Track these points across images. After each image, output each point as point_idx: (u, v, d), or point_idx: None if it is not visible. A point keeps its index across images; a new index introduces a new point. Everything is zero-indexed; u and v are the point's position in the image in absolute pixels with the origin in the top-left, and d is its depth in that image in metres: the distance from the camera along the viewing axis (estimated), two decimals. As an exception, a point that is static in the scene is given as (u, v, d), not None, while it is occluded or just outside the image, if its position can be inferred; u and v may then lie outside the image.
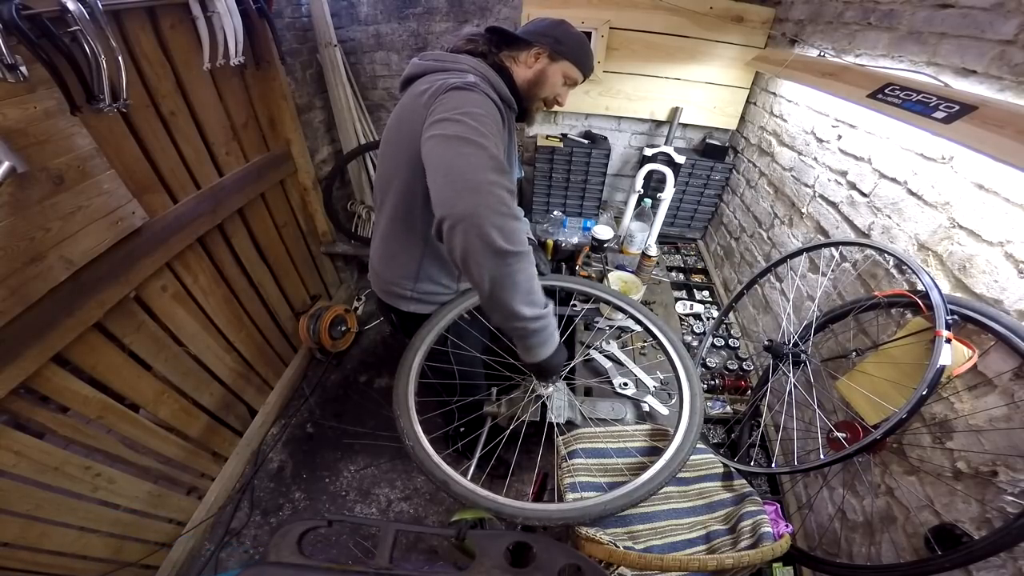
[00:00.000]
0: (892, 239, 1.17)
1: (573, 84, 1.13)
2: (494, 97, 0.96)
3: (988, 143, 0.78)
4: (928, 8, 1.09)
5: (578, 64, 1.09)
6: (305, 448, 2.13)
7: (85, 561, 1.31)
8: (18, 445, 1.09)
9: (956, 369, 0.88)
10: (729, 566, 0.83)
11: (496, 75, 1.03)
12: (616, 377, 1.35)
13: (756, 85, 2.02)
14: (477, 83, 0.92)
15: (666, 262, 2.25)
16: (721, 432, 1.55)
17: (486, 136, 0.81)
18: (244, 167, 1.79)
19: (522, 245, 0.78)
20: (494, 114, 0.90)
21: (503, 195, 0.77)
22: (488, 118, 0.86)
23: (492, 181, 0.77)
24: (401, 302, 1.24)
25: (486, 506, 0.85)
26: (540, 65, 1.08)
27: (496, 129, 0.87)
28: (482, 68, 1.01)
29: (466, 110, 0.84)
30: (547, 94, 1.12)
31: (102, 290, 1.22)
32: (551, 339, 0.91)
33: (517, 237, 0.77)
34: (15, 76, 0.93)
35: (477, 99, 0.89)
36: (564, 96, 1.15)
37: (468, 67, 0.99)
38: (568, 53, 1.07)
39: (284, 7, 2.05)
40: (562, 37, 1.07)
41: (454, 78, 0.92)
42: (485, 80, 0.99)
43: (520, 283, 0.81)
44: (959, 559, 0.79)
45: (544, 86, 1.09)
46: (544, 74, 1.08)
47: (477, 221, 0.75)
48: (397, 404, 1.03)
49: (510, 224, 0.76)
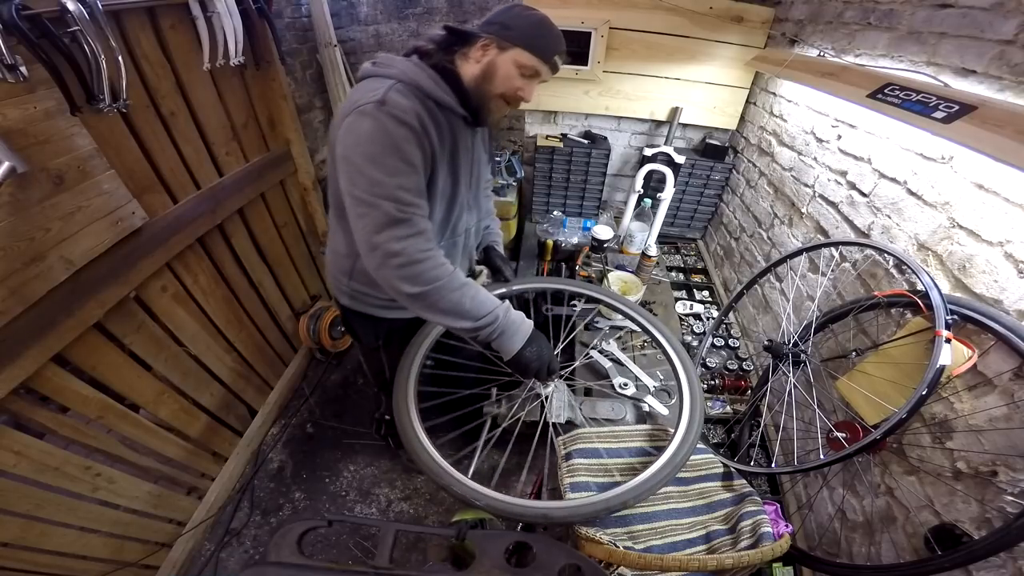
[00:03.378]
0: (892, 239, 1.17)
1: (534, 74, 0.97)
2: (408, 114, 0.88)
3: (988, 143, 0.79)
4: (928, 8, 1.09)
5: (531, 48, 0.93)
6: (305, 448, 2.13)
7: (85, 561, 1.30)
8: (18, 445, 1.09)
9: (956, 369, 0.88)
10: (729, 566, 0.83)
11: (434, 77, 0.95)
12: (616, 377, 1.35)
13: (756, 85, 2.02)
14: (386, 100, 0.87)
15: (666, 262, 2.26)
16: (721, 432, 1.55)
17: (379, 184, 0.87)
18: (244, 167, 1.79)
19: (432, 282, 0.91)
20: (396, 141, 0.87)
21: (396, 248, 0.88)
22: (387, 153, 0.87)
23: (380, 243, 0.88)
24: (341, 296, 1.27)
25: (486, 504, 0.85)
26: (488, 57, 0.95)
27: (399, 159, 0.88)
28: (412, 73, 0.93)
29: (362, 151, 0.87)
30: (501, 89, 0.97)
31: (102, 290, 1.22)
32: (506, 339, 0.98)
33: (424, 277, 0.90)
34: (15, 76, 0.93)
35: (374, 131, 0.87)
36: (527, 90, 0.99)
37: (395, 73, 0.93)
38: (517, 38, 0.92)
39: (284, 7, 2.05)
40: (510, 21, 0.93)
41: (367, 95, 0.88)
42: (411, 87, 0.92)
43: (443, 308, 0.94)
44: (959, 559, 0.79)
45: (494, 80, 0.96)
46: (492, 66, 0.95)
47: (382, 275, 0.92)
48: (398, 406, 1.03)
49: (412, 270, 0.90)
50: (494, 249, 1.43)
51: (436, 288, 0.91)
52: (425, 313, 0.96)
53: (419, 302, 0.93)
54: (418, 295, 0.91)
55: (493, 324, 0.97)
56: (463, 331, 0.97)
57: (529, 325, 1.02)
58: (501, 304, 1.00)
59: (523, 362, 1.00)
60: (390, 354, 1.36)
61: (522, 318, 1.02)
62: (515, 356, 0.99)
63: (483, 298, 0.97)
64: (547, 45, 0.95)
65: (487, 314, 0.96)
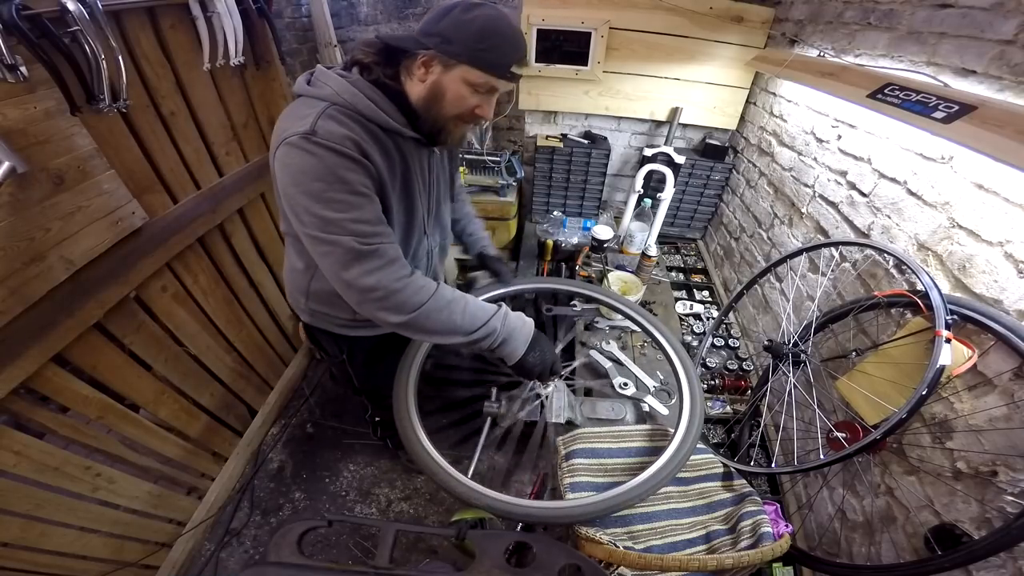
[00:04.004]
0: (892, 239, 1.17)
1: (490, 90, 0.83)
2: (343, 143, 0.78)
3: (987, 143, 0.79)
4: (928, 8, 1.09)
5: (480, 64, 0.78)
6: (305, 448, 2.13)
7: (85, 561, 1.30)
8: (18, 445, 1.09)
9: (956, 369, 0.88)
10: (729, 566, 0.83)
11: (375, 98, 0.83)
12: (616, 377, 1.35)
13: (756, 85, 2.02)
14: (316, 129, 0.77)
15: (666, 262, 2.26)
16: (721, 432, 1.55)
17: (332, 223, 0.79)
18: (244, 167, 1.79)
19: (416, 307, 0.86)
20: (338, 174, 0.78)
21: (370, 283, 0.82)
22: (331, 188, 0.78)
23: (351, 280, 0.83)
24: (301, 313, 1.21)
25: (486, 504, 0.85)
26: (432, 76, 0.81)
27: (346, 192, 0.79)
28: (348, 94, 0.82)
29: (304, 190, 0.78)
30: (453, 111, 0.84)
31: (102, 290, 1.21)
32: (508, 346, 0.95)
33: (408, 305, 0.85)
34: (15, 76, 0.93)
35: (310, 166, 0.77)
36: (485, 107, 0.85)
37: (328, 94, 0.82)
38: (462, 54, 0.77)
39: (284, 7, 2.05)
40: (451, 32, 0.77)
41: (295, 124, 0.79)
42: (347, 111, 0.81)
43: (435, 328, 0.89)
44: (959, 559, 0.79)
45: (444, 102, 0.83)
46: (439, 87, 0.82)
47: (365, 310, 0.87)
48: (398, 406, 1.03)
49: (393, 301, 0.84)
50: (487, 255, 1.38)
51: (422, 312, 0.86)
52: (419, 336, 0.91)
53: (408, 328, 0.89)
54: (405, 323, 0.87)
55: (492, 335, 0.92)
56: (460, 345, 0.92)
57: (530, 327, 0.99)
58: (498, 312, 0.95)
59: (527, 367, 0.97)
60: (355, 366, 1.33)
61: (522, 321, 0.99)
62: (519, 361, 0.96)
63: (475, 310, 0.92)
64: (498, 58, 0.79)
65: (483, 325, 0.92)
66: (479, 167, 2.39)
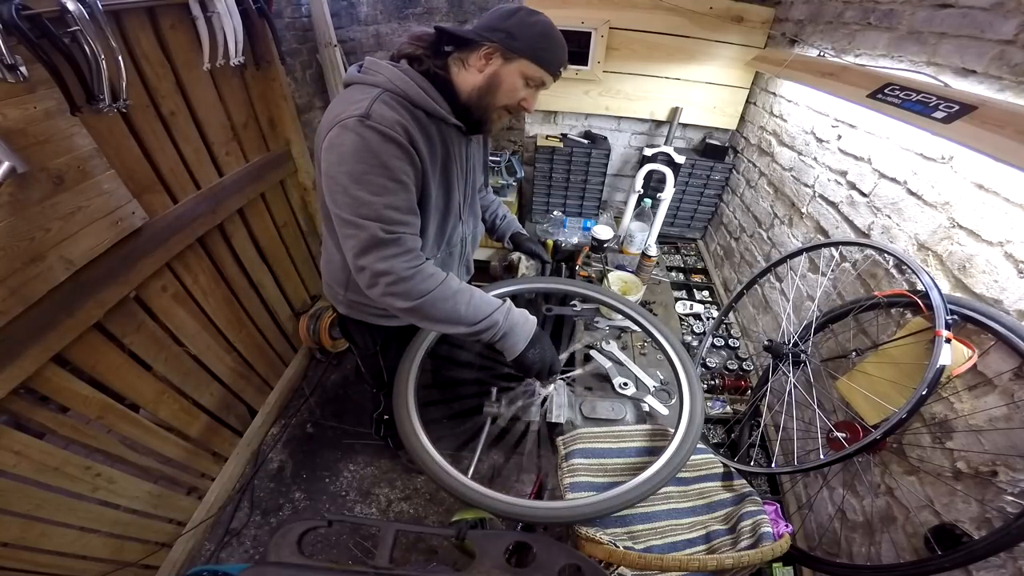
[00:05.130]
0: (892, 239, 1.17)
1: (539, 85, 0.93)
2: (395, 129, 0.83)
3: (988, 143, 0.78)
4: (928, 8, 1.09)
5: (539, 61, 0.88)
6: (305, 448, 2.13)
7: (85, 561, 1.31)
8: (18, 445, 1.09)
9: (956, 369, 0.87)
10: (729, 566, 0.83)
11: (424, 86, 0.89)
12: (616, 377, 1.35)
13: (756, 85, 2.02)
14: (371, 113, 0.82)
15: (666, 262, 2.25)
16: (721, 432, 1.55)
17: (365, 205, 0.83)
18: (244, 167, 1.79)
19: (423, 295, 0.89)
20: (382, 159, 0.83)
21: (383, 268, 0.86)
22: (373, 171, 0.82)
23: (366, 264, 0.87)
24: (338, 305, 1.25)
25: (486, 504, 0.85)
26: (492, 68, 0.89)
27: (386, 178, 0.84)
28: (400, 81, 0.87)
29: (346, 170, 0.82)
30: (505, 101, 0.92)
31: (102, 290, 1.22)
32: (509, 340, 0.97)
33: (415, 292, 0.89)
34: (15, 76, 0.93)
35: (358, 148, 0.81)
36: (531, 101, 0.94)
37: (382, 81, 0.87)
38: (525, 50, 0.87)
39: (284, 7, 2.05)
40: (516, 30, 0.86)
41: (350, 108, 0.83)
42: (399, 97, 0.87)
43: (439, 317, 0.92)
44: (959, 559, 0.79)
45: (499, 92, 0.91)
46: (497, 78, 0.89)
47: (373, 293, 0.90)
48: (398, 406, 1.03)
49: (402, 287, 0.88)
50: (521, 234, 1.42)
51: (428, 300, 0.90)
52: (422, 323, 0.95)
53: (413, 315, 0.93)
54: (411, 309, 0.90)
55: (494, 328, 0.95)
56: (463, 336, 0.96)
57: (532, 325, 1.01)
58: (502, 306, 0.98)
59: (526, 363, 0.99)
60: (387, 358, 1.36)
61: (525, 318, 1.00)
62: (518, 357, 0.98)
63: (480, 302, 0.95)
64: (554, 57, 0.90)
65: (485, 318, 0.94)
66: (479, 167, 2.38)
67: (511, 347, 0.97)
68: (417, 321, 0.95)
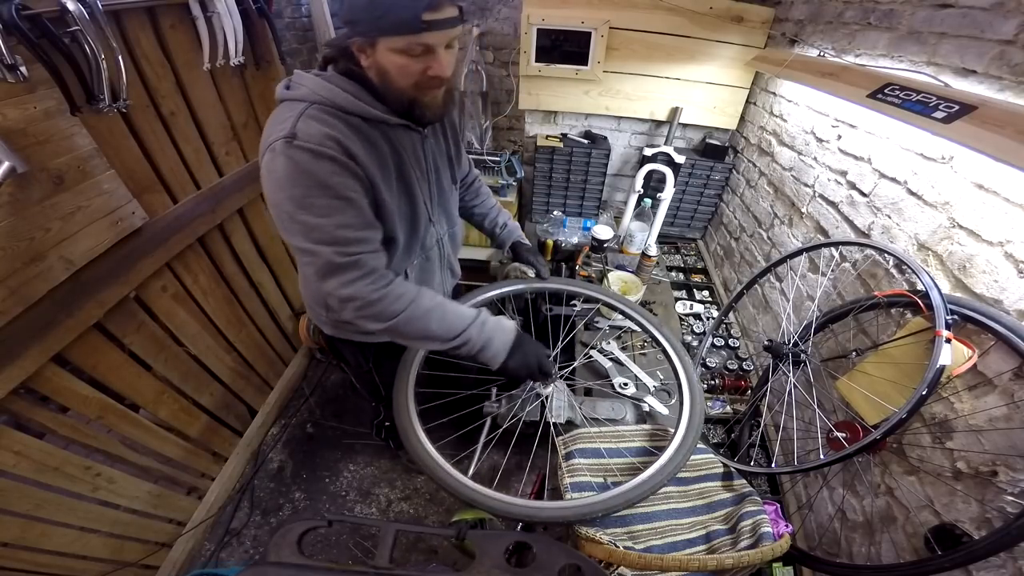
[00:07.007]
0: (892, 239, 1.17)
1: (423, 48, 0.77)
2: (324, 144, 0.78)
3: (988, 143, 0.78)
4: (928, 8, 1.09)
5: (392, 31, 0.74)
6: (305, 448, 2.13)
7: (85, 561, 1.30)
8: (18, 445, 1.09)
9: (956, 369, 0.88)
10: (729, 566, 0.83)
11: (351, 89, 0.83)
12: (616, 377, 1.35)
13: (756, 85, 2.02)
14: (296, 132, 0.77)
15: (666, 262, 2.25)
16: (721, 432, 1.55)
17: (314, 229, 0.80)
18: (244, 167, 1.79)
19: (393, 316, 0.88)
20: (319, 178, 0.78)
21: (348, 293, 0.85)
22: (313, 193, 0.78)
23: (330, 290, 0.86)
24: (323, 326, 1.22)
25: (486, 504, 0.85)
26: (369, 60, 0.81)
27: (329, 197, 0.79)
28: (324, 91, 0.82)
29: (286, 196, 0.78)
30: (406, 82, 0.81)
31: (102, 290, 1.21)
32: (487, 353, 0.96)
33: (385, 314, 0.88)
34: (15, 76, 0.93)
35: (291, 172, 0.77)
36: (436, 66, 0.80)
37: (305, 94, 0.82)
38: (370, 28, 0.75)
39: (284, 7, 2.05)
40: (351, 15, 0.76)
41: (276, 129, 0.79)
42: (326, 108, 0.81)
43: (412, 335, 0.93)
44: (959, 559, 0.79)
45: (391, 78, 0.81)
46: (380, 67, 0.80)
47: (344, 316, 0.89)
48: (398, 406, 1.03)
49: (371, 311, 0.87)
50: (521, 244, 1.39)
51: (400, 321, 0.90)
52: (397, 340, 0.97)
53: (387, 334, 0.93)
54: (384, 329, 0.91)
55: (469, 343, 0.94)
56: (440, 350, 0.97)
57: (510, 334, 0.98)
58: (475, 320, 0.96)
59: (509, 372, 0.99)
60: (383, 374, 1.33)
61: (501, 327, 0.98)
62: (501, 367, 0.98)
63: (453, 319, 0.94)
64: (398, 17, 0.72)
65: (459, 334, 0.94)
66: (479, 167, 2.39)
67: (491, 358, 0.97)
68: (392, 339, 0.96)
